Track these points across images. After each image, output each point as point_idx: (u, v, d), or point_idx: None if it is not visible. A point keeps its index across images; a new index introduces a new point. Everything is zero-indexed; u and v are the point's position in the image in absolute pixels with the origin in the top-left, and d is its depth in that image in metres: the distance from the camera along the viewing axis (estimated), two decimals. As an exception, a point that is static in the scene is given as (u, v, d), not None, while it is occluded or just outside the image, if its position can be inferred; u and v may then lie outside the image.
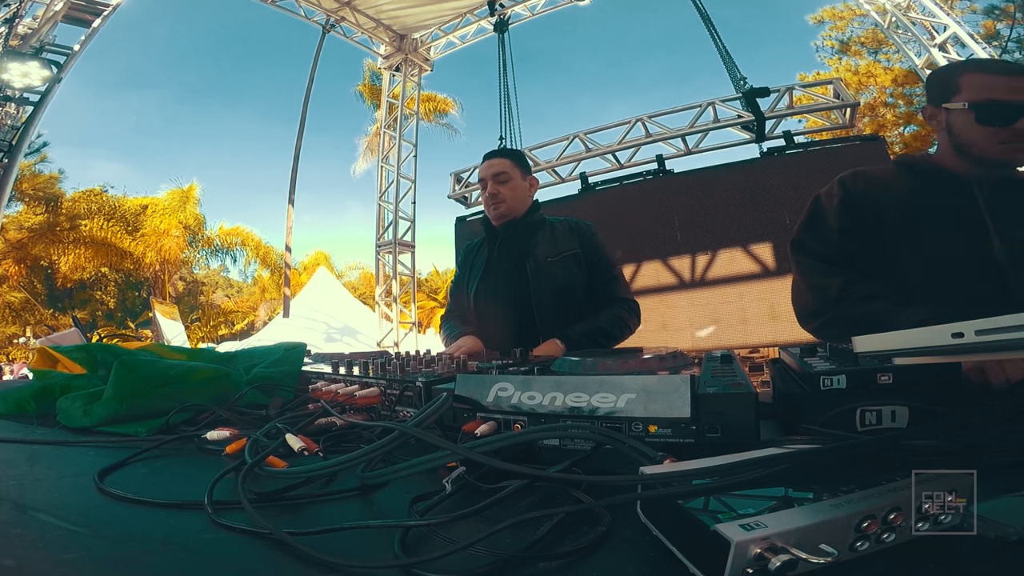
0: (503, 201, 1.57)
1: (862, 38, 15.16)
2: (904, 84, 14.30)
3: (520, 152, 1.74)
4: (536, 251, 1.57)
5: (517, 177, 1.60)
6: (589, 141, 6.19)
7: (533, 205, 1.65)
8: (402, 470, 0.42)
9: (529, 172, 1.66)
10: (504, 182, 1.58)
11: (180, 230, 14.97)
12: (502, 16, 7.27)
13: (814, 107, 5.53)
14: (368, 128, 15.89)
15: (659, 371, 0.61)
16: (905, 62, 11.91)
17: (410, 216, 8.91)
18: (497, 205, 1.58)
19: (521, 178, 1.61)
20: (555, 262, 1.54)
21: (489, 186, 1.58)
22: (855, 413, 0.53)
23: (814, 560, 0.26)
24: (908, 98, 14.74)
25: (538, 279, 1.53)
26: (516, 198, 1.59)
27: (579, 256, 1.56)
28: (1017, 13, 11.15)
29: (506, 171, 1.58)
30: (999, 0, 12.55)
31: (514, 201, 1.59)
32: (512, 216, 1.61)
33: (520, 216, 1.61)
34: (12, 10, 5.46)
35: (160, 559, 0.35)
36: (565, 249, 1.56)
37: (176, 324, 9.30)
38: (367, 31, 8.30)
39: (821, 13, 15.79)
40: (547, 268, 1.54)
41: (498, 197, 1.57)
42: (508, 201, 1.58)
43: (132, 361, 0.82)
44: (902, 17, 6.64)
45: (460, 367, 0.80)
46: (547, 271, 1.53)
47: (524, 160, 1.68)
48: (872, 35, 14.47)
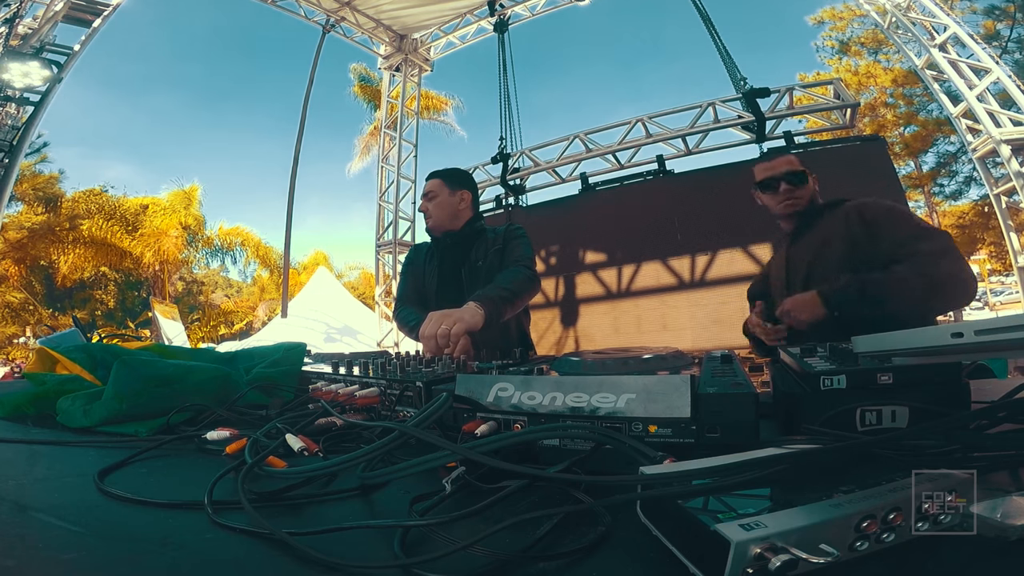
0: (430, 216, 1.78)
1: (862, 38, 15.17)
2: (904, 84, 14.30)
3: (454, 170, 1.87)
4: (470, 257, 1.75)
5: (444, 194, 1.77)
6: (589, 141, 6.18)
7: (473, 217, 1.81)
8: (402, 470, 0.42)
9: (461, 187, 1.79)
10: (431, 199, 1.77)
11: (180, 230, 14.97)
12: (502, 16, 7.26)
13: (814, 107, 5.52)
14: (363, 128, 15.95)
15: (659, 371, 0.61)
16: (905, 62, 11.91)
17: (410, 216, 8.90)
18: (427, 220, 1.80)
19: (449, 194, 1.77)
20: (484, 265, 1.72)
21: (421, 204, 1.81)
22: (855, 413, 0.53)
23: (814, 560, 0.26)
24: (908, 98, 14.75)
25: (471, 283, 1.69)
26: (442, 213, 1.76)
27: (500, 252, 1.73)
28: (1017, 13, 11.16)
29: (433, 190, 1.77)
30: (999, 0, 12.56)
31: (440, 215, 1.76)
32: (446, 228, 1.77)
33: (458, 228, 1.78)
34: (12, 10, 5.45)
35: (160, 559, 0.35)
36: (491, 250, 1.73)
37: (176, 324, 9.30)
38: (367, 31, 8.30)
39: (821, 14, 15.81)
40: (478, 270, 1.72)
41: (426, 213, 1.79)
42: (434, 216, 1.77)
43: (132, 361, 0.82)
44: (902, 17, 6.64)
45: (460, 367, 0.80)
46: (477, 274, 1.71)
47: (456, 176, 1.82)
48: (872, 35, 14.48)
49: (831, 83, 5.50)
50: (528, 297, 1.64)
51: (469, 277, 1.72)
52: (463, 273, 1.74)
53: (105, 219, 14.24)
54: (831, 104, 5.34)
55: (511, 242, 1.74)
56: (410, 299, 1.83)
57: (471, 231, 1.78)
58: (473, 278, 1.71)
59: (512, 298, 1.49)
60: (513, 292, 1.50)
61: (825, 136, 6.81)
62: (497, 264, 1.71)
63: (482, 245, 1.76)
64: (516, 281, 1.56)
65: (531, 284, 1.63)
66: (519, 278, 1.58)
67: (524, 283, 1.59)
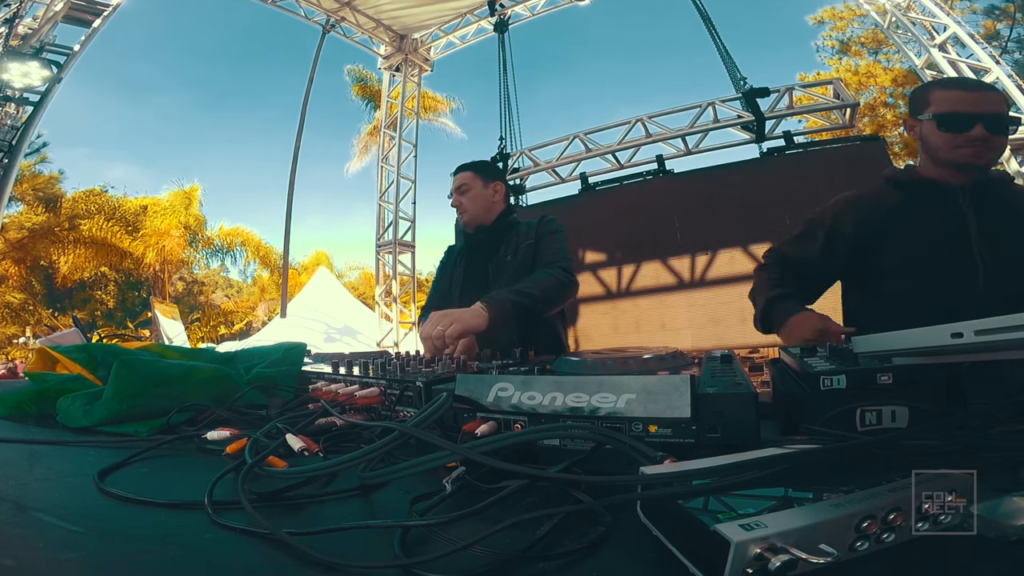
0: (465, 211, 1.70)
1: (862, 38, 15.16)
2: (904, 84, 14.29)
3: (484, 162, 1.81)
4: (498, 253, 1.66)
5: (478, 186, 1.69)
6: (589, 141, 6.18)
7: (506, 210, 1.73)
8: (402, 470, 0.42)
9: (494, 179, 1.72)
10: (464, 193, 1.69)
11: (180, 230, 14.98)
12: (502, 16, 7.26)
13: (814, 107, 5.53)
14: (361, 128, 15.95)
15: (659, 371, 0.61)
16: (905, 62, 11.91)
17: (410, 216, 8.91)
18: (461, 215, 1.71)
19: (483, 187, 1.70)
20: (513, 261, 1.61)
21: (454, 198, 1.72)
22: (855, 413, 0.53)
23: (814, 560, 0.26)
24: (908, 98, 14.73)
25: (497, 280, 1.60)
26: (477, 206, 1.69)
27: (532, 247, 1.62)
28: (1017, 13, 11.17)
29: (466, 183, 1.69)
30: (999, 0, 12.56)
31: (475, 209, 1.69)
32: (479, 223, 1.70)
33: (491, 222, 1.70)
34: (12, 10, 5.45)
35: (160, 559, 0.35)
36: (522, 244, 1.63)
37: (176, 324, 9.29)
38: (367, 31, 8.30)
39: (821, 13, 15.80)
40: (506, 266, 1.62)
41: (460, 208, 1.70)
42: (469, 210, 1.69)
43: (132, 361, 0.82)
44: (902, 17, 6.64)
45: (460, 367, 0.80)
46: (505, 268, 1.61)
47: (487, 168, 1.76)
48: (872, 35, 14.48)
49: (831, 83, 5.50)
50: (559, 301, 1.52)
51: (495, 274, 1.62)
52: (489, 270, 1.64)
53: (105, 219, 14.24)
54: (831, 104, 5.35)
55: (545, 238, 1.63)
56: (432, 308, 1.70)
57: (503, 225, 1.69)
58: (500, 275, 1.60)
59: (532, 303, 1.37)
60: (533, 297, 1.38)
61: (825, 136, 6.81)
62: (528, 261, 1.59)
63: (513, 240, 1.66)
64: (541, 284, 1.44)
65: (563, 288, 1.50)
66: (547, 281, 1.46)
67: (553, 287, 1.46)
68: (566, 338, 1.77)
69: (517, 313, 1.32)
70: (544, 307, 1.43)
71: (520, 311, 1.33)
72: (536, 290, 1.40)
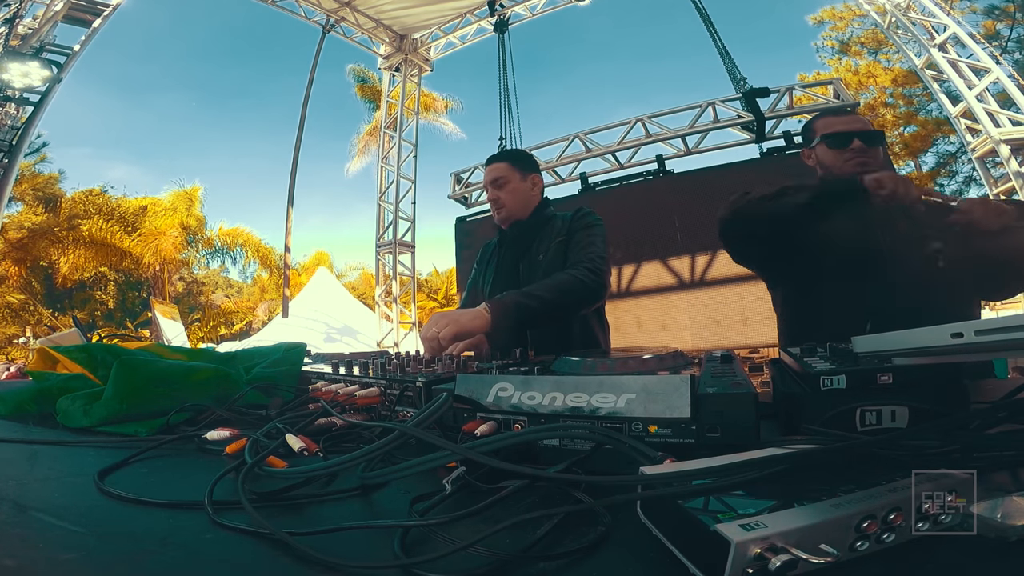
0: (503, 206, 1.56)
1: (862, 38, 15.17)
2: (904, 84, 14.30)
3: (519, 152, 1.70)
4: (532, 249, 1.54)
5: (516, 179, 1.57)
6: (589, 141, 6.19)
7: (542, 203, 1.61)
8: (402, 470, 0.42)
9: (531, 171, 1.61)
10: (501, 186, 1.56)
11: (180, 230, 14.98)
12: (502, 16, 7.27)
13: (814, 107, 5.53)
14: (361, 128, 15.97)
15: (659, 371, 0.61)
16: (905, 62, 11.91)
17: (410, 216, 8.91)
18: (498, 210, 1.58)
19: (521, 179, 1.57)
20: (545, 259, 1.50)
21: (489, 192, 1.58)
22: (855, 413, 0.53)
23: (814, 560, 0.26)
24: (908, 98, 14.75)
25: (528, 277, 1.50)
26: (516, 200, 1.57)
27: (563, 244, 1.50)
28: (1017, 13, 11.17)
29: (503, 175, 1.56)
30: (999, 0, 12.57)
31: (514, 204, 1.57)
32: (517, 218, 1.58)
33: (527, 216, 1.58)
34: (12, 10, 5.46)
35: (160, 559, 0.35)
36: (554, 242, 1.51)
37: (176, 324, 9.29)
38: (367, 31, 8.30)
39: (821, 13, 15.82)
40: (537, 265, 1.51)
41: (498, 202, 1.57)
42: (508, 205, 1.56)
43: (132, 361, 0.82)
44: (902, 17, 6.65)
45: (460, 367, 0.80)
46: (536, 267, 1.50)
47: (524, 159, 1.64)
48: (872, 35, 14.48)
49: (831, 83, 5.51)
50: (579, 305, 1.39)
51: (527, 273, 1.49)
52: (520, 268, 1.52)
53: (105, 219, 14.25)
54: (831, 104, 5.34)
55: (577, 233, 1.49)
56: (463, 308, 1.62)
57: (539, 219, 1.57)
58: (531, 275, 1.48)
59: (539, 306, 1.26)
60: (542, 300, 1.27)
61: (825, 136, 6.80)
62: (560, 259, 1.46)
63: (547, 235, 1.53)
64: (554, 287, 1.32)
65: (584, 290, 1.35)
66: (563, 284, 1.33)
67: (571, 290, 1.33)
68: (605, 338, 1.64)
69: (521, 316, 1.24)
70: (557, 311, 1.33)
71: (526, 314, 1.25)
72: (547, 293, 1.30)
